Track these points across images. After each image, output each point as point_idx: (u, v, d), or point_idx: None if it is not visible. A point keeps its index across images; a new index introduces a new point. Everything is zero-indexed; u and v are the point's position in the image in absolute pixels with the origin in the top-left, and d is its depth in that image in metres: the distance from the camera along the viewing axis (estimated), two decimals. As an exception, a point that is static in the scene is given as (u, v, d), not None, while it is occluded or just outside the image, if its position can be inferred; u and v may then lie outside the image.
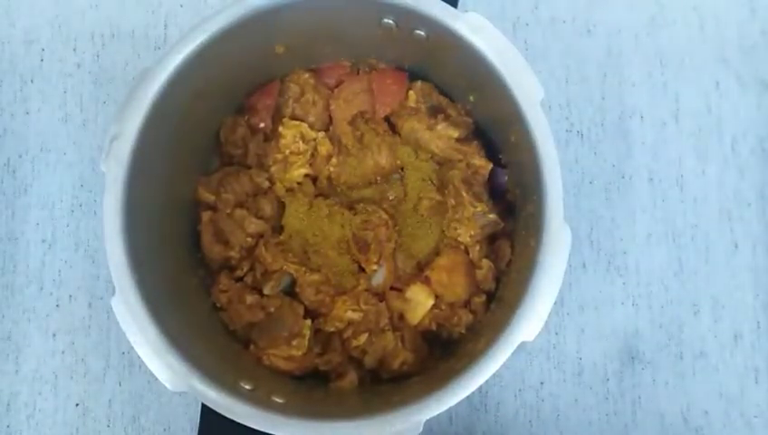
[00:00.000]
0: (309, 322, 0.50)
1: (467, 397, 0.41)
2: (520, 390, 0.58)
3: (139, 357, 0.42)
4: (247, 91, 0.54)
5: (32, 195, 0.60)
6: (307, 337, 0.49)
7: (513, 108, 0.44)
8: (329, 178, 0.54)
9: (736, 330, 0.58)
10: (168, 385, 0.42)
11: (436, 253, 0.52)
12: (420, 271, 0.52)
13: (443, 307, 0.51)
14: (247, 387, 0.44)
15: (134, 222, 0.44)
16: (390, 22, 0.48)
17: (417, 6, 0.45)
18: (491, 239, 0.52)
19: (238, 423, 0.42)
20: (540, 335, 0.42)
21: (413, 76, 0.54)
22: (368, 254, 0.51)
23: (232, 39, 0.46)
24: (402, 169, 0.54)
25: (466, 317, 0.51)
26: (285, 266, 0.51)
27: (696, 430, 0.57)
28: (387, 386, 0.50)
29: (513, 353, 0.42)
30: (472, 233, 0.51)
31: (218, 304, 0.52)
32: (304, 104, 0.54)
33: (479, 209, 0.50)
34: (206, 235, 0.52)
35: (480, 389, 0.41)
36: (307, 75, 0.54)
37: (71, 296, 0.59)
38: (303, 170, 0.53)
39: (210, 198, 0.52)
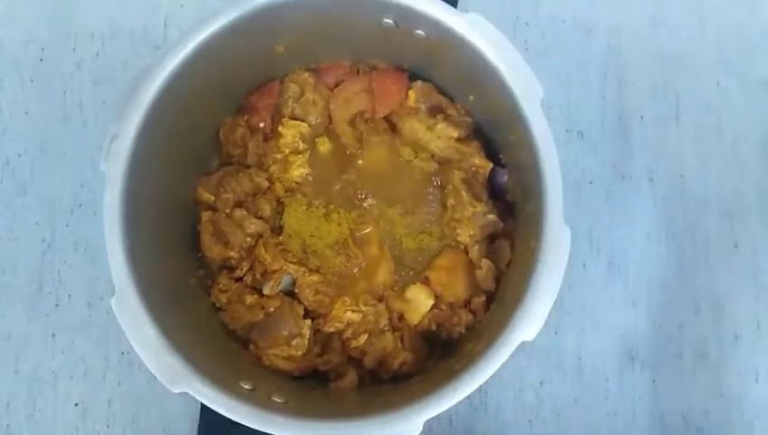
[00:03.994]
0: (308, 322, 0.50)
1: (467, 397, 0.41)
2: (520, 390, 0.58)
3: (138, 357, 0.42)
4: (247, 90, 0.54)
5: (31, 195, 0.60)
6: (307, 337, 0.49)
7: (513, 107, 0.44)
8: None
9: (736, 330, 0.58)
10: (167, 385, 0.42)
11: (437, 253, 0.52)
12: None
13: (443, 307, 0.51)
14: (247, 387, 0.44)
15: (134, 222, 0.44)
16: (390, 21, 0.48)
17: (417, 6, 0.45)
18: (491, 239, 0.52)
19: (238, 423, 0.42)
20: (540, 335, 0.42)
21: (413, 76, 0.54)
22: (366, 248, 0.51)
23: (232, 38, 0.46)
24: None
25: (466, 317, 0.51)
26: (285, 266, 0.51)
27: (697, 431, 0.57)
28: (386, 386, 0.50)
29: (512, 353, 0.42)
30: (471, 233, 0.51)
31: (218, 304, 0.52)
32: (304, 104, 0.54)
33: (479, 209, 0.50)
34: (206, 235, 0.52)
35: (480, 389, 0.41)
36: (307, 75, 0.54)
37: (70, 296, 0.59)
38: (303, 170, 0.53)
39: (210, 198, 0.52)
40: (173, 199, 0.51)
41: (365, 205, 0.53)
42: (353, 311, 0.51)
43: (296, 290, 0.51)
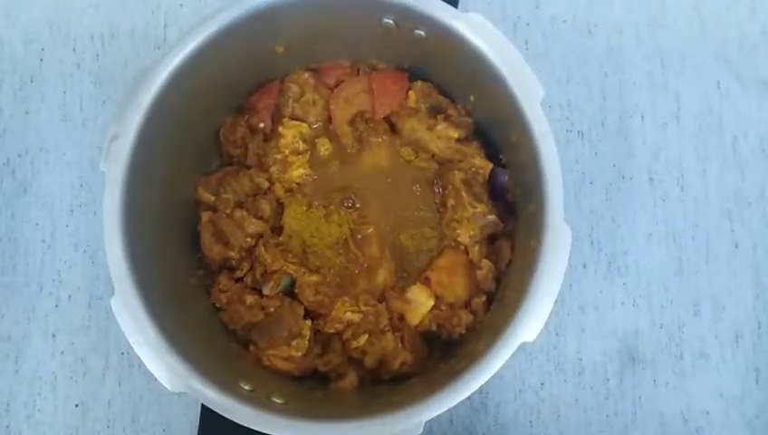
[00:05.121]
0: (308, 322, 0.50)
1: (467, 398, 0.41)
2: (520, 390, 0.58)
3: (138, 357, 0.42)
4: (247, 90, 0.54)
5: (31, 195, 0.60)
6: (307, 338, 0.49)
7: (514, 108, 0.44)
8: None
9: (737, 330, 0.58)
10: (167, 386, 0.42)
11: (437, 253, 0.52)
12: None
13: (443, 308, 0.51)
14: (247, 388, 0.44)
15: (134, 222, 0.44)
16: (390, 21, 0.48)
17: (417, 6, 0.45)
18: (491, 239, 0.52)
19: (238, 424, 0.42)
20: (540, 336, 0.42)
21: (413, 76, 0.54)
22: (366, 249, 0.51)
23: (232, 38, 0.46)
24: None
25: (467, 318, 0.51)
26: (285, 267, 0.51)
27: (697, 431, 0.57)
28: (387, 387, 0.50)
29: (513, 354, 0.41)
30: (471, 233, 0.51)
31: (218, 305, 0.52)
32: (304, 104, 0.54)
33: (479, 210, 0.50)
34: (206, 235, 0.52)
35: (480, 389, 0.41)
36: (307, 75, 0.54)
37: (70, 296, 0.59)
38: (303, 170, 0.53)
39: (210, 198, 0.52)
40: (173, 200, 0.51)
41: (365, 205, 0.53)
42: (353, 311, 0.51)
43: (296, 290, 0.51)
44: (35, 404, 0.58)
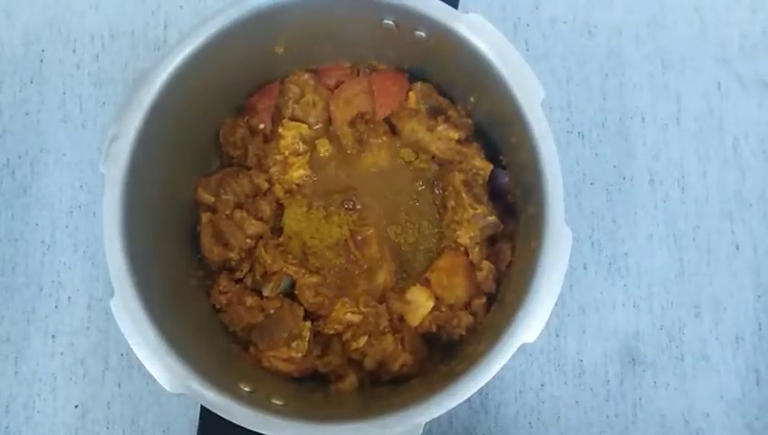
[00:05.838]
0: (308, 323, 0.50)
1: (467, 399, 0.41)
2: (520, 391, 0.57)
3: (138, 359, 0.42)
4: (247, 91, 0.54)
5: (31, 196, 0.60)
6: (307, 339, 0.49)
7: (514, 109, 0.44)
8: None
9: (738, 332, 0.58)
10: (167, 387, 0.42)
11: (437, 254, 0.52)
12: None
13: (443, 309, 0.51)
14: (246, 389, 0.44)
15: (133, 223, 0.44)
16: (391, 22, 0.48)
17: (417, 7, 0.45)
18: (491, 241, 0.52)
19: (237, 425, 0.42)
20: (540, 337, 0.42)
21: (413, 77, 0.54)
22: (366, 250, 0.51)
23: (231, 40, 0.46)
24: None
25: (467, 319, 0.51)
26: (285, 268, 0.51)
27: (697, 432, 0.57)
28: (387, 388, 0.50)
29: (513, 355, 0.41)
30: (471, 235, 0.51)
31: (218, 306, 0.52)
32: (304, 105, 0.54)
33: (479, 211, 0.50)
34: (206, 236, 0.52)
35: (480, 390, 0.41)
36: (307, 76, 0.54)
37: (70, 298, 0.59)
38: (303, 172, 0.53)
39: (210, 199, 0.52)
40: (173, 201, 0.51)
41: (365, 206, 0.53)
42: (353, 312, 0.51)
43: (296, 292, 0.51)
44: (35, 405, 0.58)
